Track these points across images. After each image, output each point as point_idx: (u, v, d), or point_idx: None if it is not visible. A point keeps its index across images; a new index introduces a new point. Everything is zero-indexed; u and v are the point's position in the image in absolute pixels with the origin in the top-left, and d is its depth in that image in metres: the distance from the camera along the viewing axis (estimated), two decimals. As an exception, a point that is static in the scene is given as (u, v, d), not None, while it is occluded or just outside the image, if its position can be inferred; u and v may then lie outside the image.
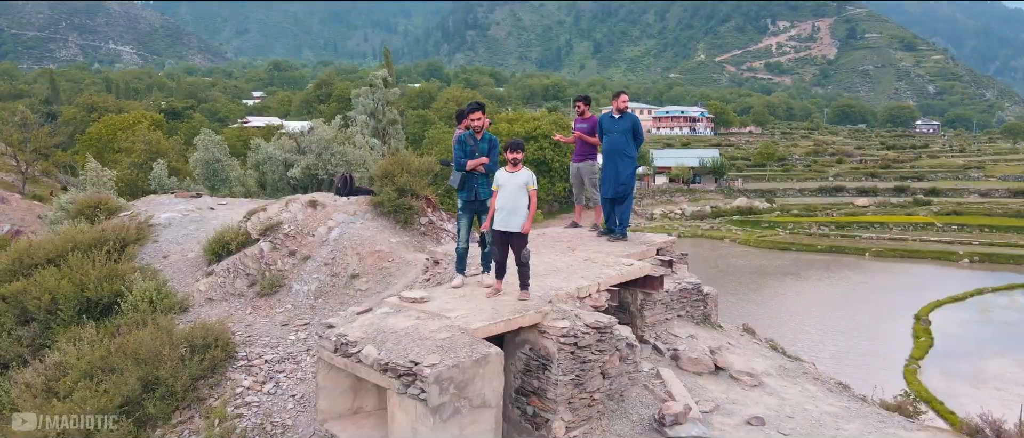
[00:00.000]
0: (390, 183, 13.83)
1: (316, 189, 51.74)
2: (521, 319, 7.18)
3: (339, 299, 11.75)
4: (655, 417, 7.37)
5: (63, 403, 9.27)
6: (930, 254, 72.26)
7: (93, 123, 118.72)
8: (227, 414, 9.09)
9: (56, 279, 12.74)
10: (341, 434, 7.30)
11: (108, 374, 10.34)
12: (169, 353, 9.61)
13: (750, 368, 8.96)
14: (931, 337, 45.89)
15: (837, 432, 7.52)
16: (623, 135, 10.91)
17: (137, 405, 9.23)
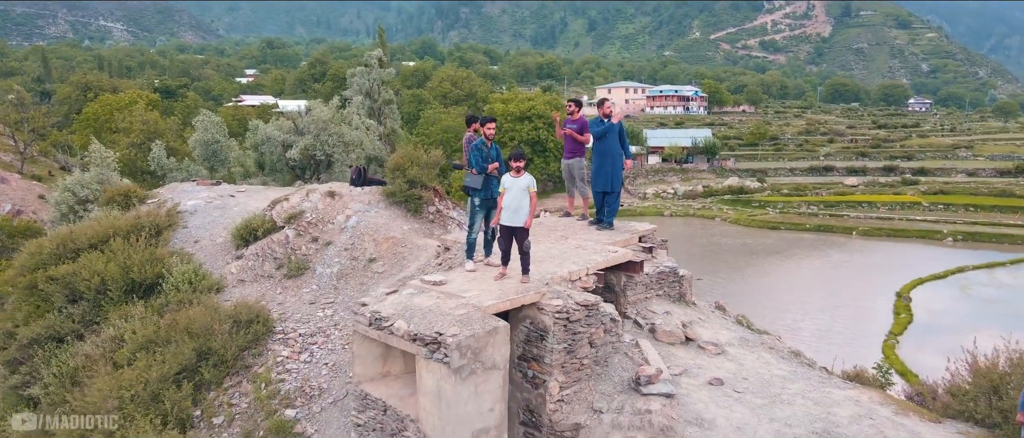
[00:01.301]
0: (401, 175, 15.33)
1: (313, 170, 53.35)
2: (523, 298, 8.76)
3: (359, 280, 13.30)
4: (633, 378, 8.99)
5: (130, 370, 10.82)
6: (915, 233, 74.06)
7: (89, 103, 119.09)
8: (271, 379, 10.69)
9: (103, 262, 14.26)
10: (374, 393, 8.89)
11: (160, 346, 11.93)
12: (219, 328, 11.18)
13: (715, 339, 10.58)
14: (911, 313, 47.78)
15: (782, 390, 9.15)
16: (613, 138, 12.40)
17: (194, 372, 10.81)
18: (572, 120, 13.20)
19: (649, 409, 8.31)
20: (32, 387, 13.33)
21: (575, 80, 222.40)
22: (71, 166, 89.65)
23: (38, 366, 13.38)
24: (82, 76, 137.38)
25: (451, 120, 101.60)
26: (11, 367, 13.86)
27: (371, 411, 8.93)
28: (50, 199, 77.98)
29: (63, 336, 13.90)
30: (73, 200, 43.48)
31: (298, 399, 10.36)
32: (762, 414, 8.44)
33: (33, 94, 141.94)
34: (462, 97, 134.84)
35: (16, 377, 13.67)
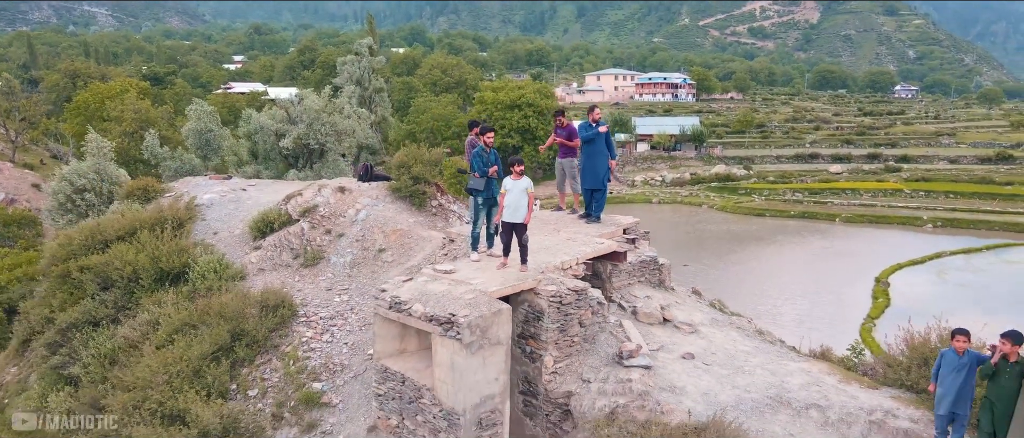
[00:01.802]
0: (406, 172, 16.71)
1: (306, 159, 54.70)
2: (522, 285, 10.21)
3: (370, 269, 14.72)
4: (616, 353, 10.48)
5: (172, 349, 12.20)
6: (896, 220, 76.02)
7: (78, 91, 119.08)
8: (298, 357, 12.12)
9: (134, 253, 15.60)
10: (393, 367, 10.32)
11: (193, 329, 13.31)
12: (249, 311, 12.59)
13: (690, 320, 12.09)
14: (888, 298, 49.64)
15: (744, 362, 10.67)
16: (600, 142, 13.78)
17: (229, 350, 12.21)
18: (561, 127, 14.52)
19: (630, 378, 9.81)
20: (72, 367, 14.68)
21: (564, 67, 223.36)
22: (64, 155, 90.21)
23: (77, 348, 14.73)
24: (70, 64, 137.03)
25: (441, 108, 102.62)
26: (51, 349, 15.19)
27: (390, 383, 10.38)
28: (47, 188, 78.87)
29: (98, 320, 15.24)
30: (70, 189, 44.67)
31: (323, 374, 11.80)
32: (725, 382, 9.96)
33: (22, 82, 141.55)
34: (452, 84, 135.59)
35: (56, 358, 15.01)
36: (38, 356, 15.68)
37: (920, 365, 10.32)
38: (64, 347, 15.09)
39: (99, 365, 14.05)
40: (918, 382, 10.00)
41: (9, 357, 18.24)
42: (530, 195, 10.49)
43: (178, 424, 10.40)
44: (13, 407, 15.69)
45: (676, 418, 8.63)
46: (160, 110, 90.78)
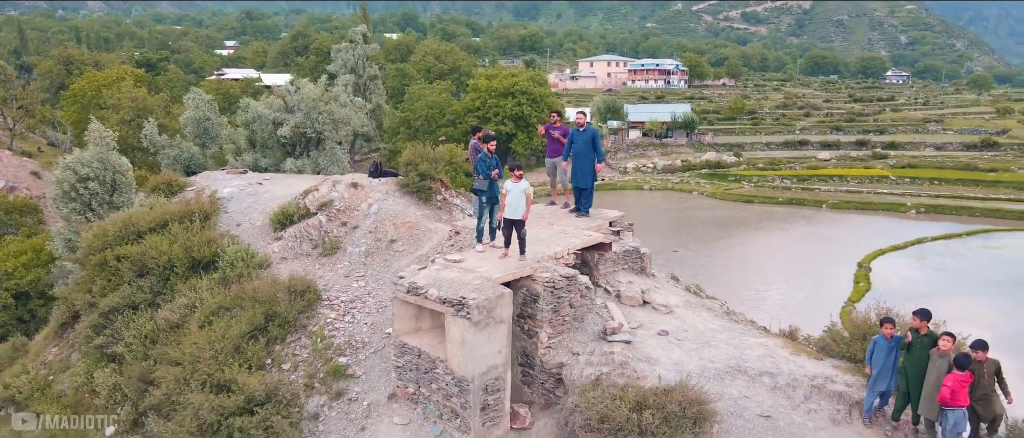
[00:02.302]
0: (414, 169, 18.41)
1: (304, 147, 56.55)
2: (521, 272, 11.98)
3: (383, 258, 16.46)
4: (601, 330, 12.29)
5: (210, 329, 13.93)
6: (881, 206, 78.13)
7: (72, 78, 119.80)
8: (324, 335, 13.89)
9: (168, 243, 17.29)
10: (411, 342, 12.10)
11: (226, 311, 15.04)
12: (280, 295, 14.33)
13: (666, 302, 13.90)
14: (869, 282, 51.70)
15: (711, 338, 12.51)
16: (587, 143, 15.48)
17: (263, 330, 13.96)
18: (555, 127, 16.24)
19: (612, 351, 11.63)
20: (115, 346, 16.40)
21: (557, 53, 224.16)
22: (62, 143, 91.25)
23: (119, 329, 16.45)
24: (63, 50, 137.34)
25: (435, 96, 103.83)
26: (95, 330, 16.90)
27: (408, 356, 12.17)
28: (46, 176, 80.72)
29: (137, 305, 16.95)
30: (74, 178, 46.42)
31: (347, 350, 13.58)
32: (693, 354, 11.79)
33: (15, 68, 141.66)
34: (446, 71, 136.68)
35: (100, 338, 16.73)
36: (81, 337, 17.36)
37: (860, 340, 12.17)
38: (107, 329, 16.80)
39: (141, 344, 15.79)
40: (857, 354, 11.85)
41: (49, 338, 19.94)
42: (528, 195, 12.23)
43: (225, 392, 12.16)
44: (59, 382, 17.42)
45: (649, 383, 10.44)
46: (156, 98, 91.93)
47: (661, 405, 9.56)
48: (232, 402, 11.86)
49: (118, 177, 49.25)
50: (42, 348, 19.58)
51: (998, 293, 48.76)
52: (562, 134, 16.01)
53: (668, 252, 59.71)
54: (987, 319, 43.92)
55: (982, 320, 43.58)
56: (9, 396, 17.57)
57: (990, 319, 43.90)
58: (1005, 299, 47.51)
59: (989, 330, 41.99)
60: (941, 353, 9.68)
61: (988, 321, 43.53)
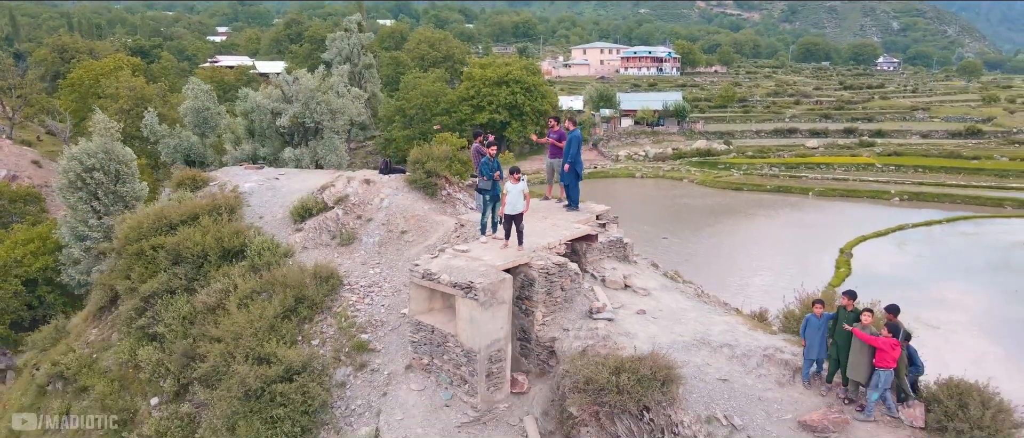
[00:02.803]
0: (420, 167, 20.46)
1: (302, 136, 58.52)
2: (520, 260, 14.09)
3: (395, 247, 18.54)
4: (588, 310, 14.43)
5: (248, 310, 15.99)
6: (866, 193, 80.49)
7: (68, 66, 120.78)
8: (347, 315, 15.99)
9: (201, 234, 19.31)
10: (425, 320, 14.21)
11: (258, 294, 17.10)
12: (308, 281, 16.42)
13: (645, 286, 16.05)
14: (850, 267, 54.05)
15: (682, 316, 14.67)
16: (571, 144, 17.51)
17: (293, 311, 16.05)
18: (553, 131, 18.27)
19: (597, 327, 13.79)
20: (156, 327, 18.46)
21: (550, 39, 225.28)
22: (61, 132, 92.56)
23: (160, 311, 18.51)
24: (57, 38, 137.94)
25: (430, 84, 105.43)
26: (137, 313, 18.94)
27: (423, 332, 14.29)
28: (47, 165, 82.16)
29: (174, 290, 19.00)
30: (80, 168, 48.50)
31: (368, 328, 15.68)
32: (666, 329, 13.96)
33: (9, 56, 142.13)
34: (439, 59, 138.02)
35: (142, 320, 18.79)
36: (123, 319, 19.42)
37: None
38: (148, 311, 18.86)
39: (180, 325, 17.87)
40: (805, 329, 13.99)
41: (87, 320, 21.98)
42: (526, 194, 14.33)
43: (266, 364, 14.26)
44: (103, 360, 19.47)
45: (627, 352, 12.58)
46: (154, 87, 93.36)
47: (635, 370, 11.70)
48: (273, 371, 13.98)
49: (122, 167, 51.38)
50: (82, 329, 21.62)
51: (973, 278, 51.25)
52: (558, 138, 18.06)
53: (658, 239, 61.99)
54: (961, 302, 46.44)
55: (956, 303, 46.11)
56: (58, 372, 19.62)
57: (965, 302, 46.42)
58: (980, 284, 49.99)
59: (963, 313, 44.57)
60: (864, 326, 11.84)
61: (963, 304, 46.05)
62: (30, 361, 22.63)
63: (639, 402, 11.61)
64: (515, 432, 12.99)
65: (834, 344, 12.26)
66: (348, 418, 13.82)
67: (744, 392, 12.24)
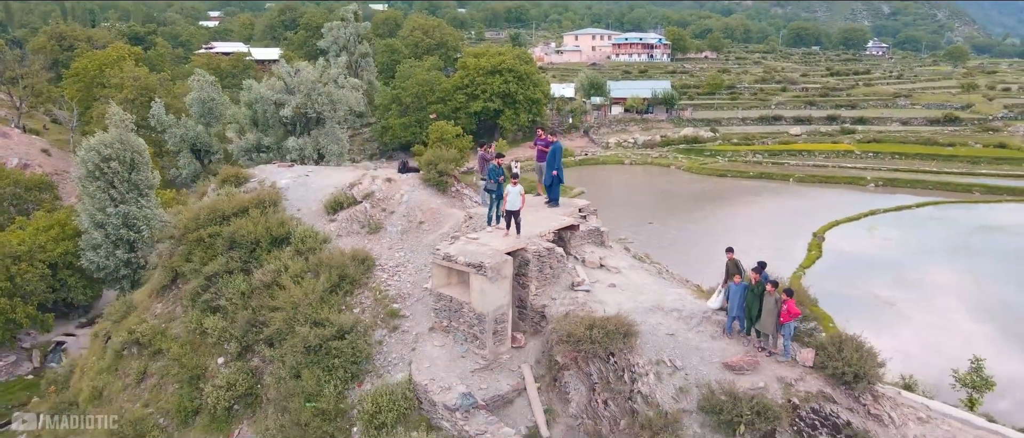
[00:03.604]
0: (433, 168, 24.73)
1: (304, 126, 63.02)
2: (518, 246, 18.46)
3: (415, 235, 22.85)
4: (570, 284, 18.84)
5: (301, 286, 20.30)
6: (843, 179, 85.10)
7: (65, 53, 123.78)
8: (381, 290, 20.35)
9: (252, 224, 23.55)
10: (445, 292, 18.55)
11: (308, 274, 21.40)
12: (347, 262, 20.75)
13: (617, 265, 20.45)
14: (821, 250, 58.72)
15: (644, 288, 19.08)
16: (554, 155, 21.76)
17: (338, 286, 20.39)
18: (541, 139, 22.53)
19: (577, 297, 18.20)
20: (218, 301, 22.75)
21: (543, 24, 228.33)
22: (67, 121, 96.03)
23: (221, 288, 22.79)
24: (55, 26, 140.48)
25: (425, 73, 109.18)
26: (202, 289, 23.21)
27: (442, 301, 18.66)
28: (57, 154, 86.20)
29: (231, 270, 23.25)
30: (98, 158, 53.11)
31: (398, 299, 20.04)
32: (630, 298, 18.39)
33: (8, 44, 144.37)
34: (433, 46, 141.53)
35: (206, 295, 23.07)
36: (188, 295, 23.70)
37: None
38: (210, 288, 23.15)
39: (240, 299, 22.16)
40: (736, 298, 18.40)
41: (151, 296, 26.24)
42: (522, 195, 18.66)
43: (321, 326, 18.61)
44: (172, 328, 23.77)
45: (598, 314, 16.97)
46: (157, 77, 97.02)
47: (604, 326, 16.09)
48: (327, 332, 18.37)
49: (136, 157, 56.04)
50: (147, 305, 25.89)
51: (933, 260, 56.07)
52: (545, 145, 22.35)
53: (644, 224, 66.54)
54: (919, 281, 51.25)
55: (915, 282, 50.89)
56: (134, 339, 23.92)
57: (922, 282, 51.22)
58: (939, 265, 54.81)
59: (919, 291, 49.25)
60: (769, 293, 16.26)
61: (920, 283, 50.85)
62: (101, 331, 26.93)
63: (606, 349, 16.06)
64: (515, 376, 17.42)
65: (750, 306, 16.69)
66: (386, 367, 18.21)
67: (685, 343, 16.68)
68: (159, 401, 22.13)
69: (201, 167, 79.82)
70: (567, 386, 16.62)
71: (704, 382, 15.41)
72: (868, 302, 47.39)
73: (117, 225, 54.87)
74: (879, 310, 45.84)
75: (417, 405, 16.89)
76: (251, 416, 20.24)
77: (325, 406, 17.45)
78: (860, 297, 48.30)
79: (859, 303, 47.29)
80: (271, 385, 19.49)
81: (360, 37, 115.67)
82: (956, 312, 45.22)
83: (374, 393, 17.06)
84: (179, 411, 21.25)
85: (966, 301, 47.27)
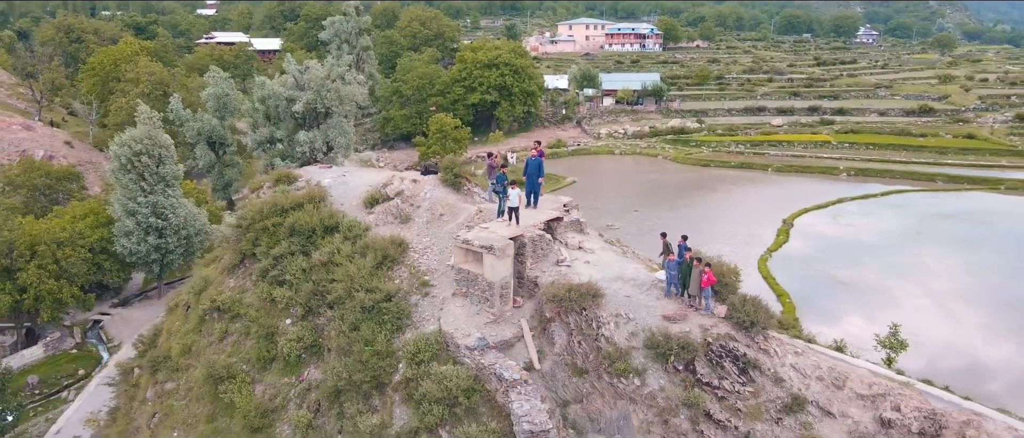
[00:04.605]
0: (450, 171, 31.76)
1: (313, 120, 70.56)
2: (518, 233, 25.60)
3: (437, 225, 29.93)
4: (556, 261, 26.01)
5: (353, 264, 27.37)
6: (818, 169, 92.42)
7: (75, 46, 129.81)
8: (414, 266, 27.51)
9: (308, 216, 30.61)
10: (464, 267, 25.62)
11: (357, 255, 28.50)
12: (389, 246, 27.86)
13: (591, 248, 27.57)
14: (788, 236, 66.01)
15: (611, 265, 26.23)
16: (537, 167, 28.70)
17: (381, 264, 27.50)
18: (534, 150, 29.51)
19: (560, 270, 25.40)
20: (283, 276, 29.83)
21: (537, 12, 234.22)
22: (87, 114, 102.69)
23: (286, 266, 29.87)
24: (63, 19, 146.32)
25: (424, 67, 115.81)
26: (269, 267, 30.26)
27: (462, 274, 25.80)
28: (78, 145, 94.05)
29: (293, 253, 30.30)
30: (130, 153, 60.60)
31: (427, 273, 27.16)
32: (599, 271, 25.59)
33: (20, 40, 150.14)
34: (431, 37, 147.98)
35: (274, 272, 30.14)
36: (257, 272, 30.76)
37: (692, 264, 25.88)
38: (277, 267, 30.22)
39: (301, 274, 29.23)
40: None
41: (222, 273, 33.27)
42: (521, 197, 25.73)
43: (372, 293, 25.74)
44: (246, 298, 30.82)
45: (575, 282, 24.10)
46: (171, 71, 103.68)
47: (579, 290, 23.21)
48: (378, 296, 25.55)
49: (163, 151, 63.77)
50: (220, 280, 32.95)
51: (888, 244, 63.48)
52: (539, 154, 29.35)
53: (630, 211, 73.80)
54: (873, 264, 58.64)
55: (870, 264, 58.31)
56: (215, 306, 30.99)
57: (876, 264, 58.61)
58: (892, 250, 62.19)
59: (872, 272, 56.53)
60: (695, 266, 23.39)
61: (874, 265, 58.24)
62: (181, 301, 34.01)
63: (580, 306, 23.23)
64: (515, 327, 24.56)
65: (682, 275, 23.84)
66: (421, 321, 25.39)
67: (637, 302, 23.85)
68: (240, 353, 29.30)
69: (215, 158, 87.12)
70: (553, 332, 23.80)
71: (648, 328, 22.58)
72: (825, 281, 54.89)
73: (147, 214, 62.35)
74: (834, 288, 53.34)
75: (445, 347, 24.03)
76: (316, 361, 27.43)
77: (379, 349, 24.62)
78: (818, 277, 55.77)
79: (817, 282, 54.82)
80: (334, 337, 26.65)
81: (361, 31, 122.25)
82: (902, 290, 52.70)
83: (414, 339, 24.22)
84: (258, 359, 28.42)
85: (914, 281, 54.75)
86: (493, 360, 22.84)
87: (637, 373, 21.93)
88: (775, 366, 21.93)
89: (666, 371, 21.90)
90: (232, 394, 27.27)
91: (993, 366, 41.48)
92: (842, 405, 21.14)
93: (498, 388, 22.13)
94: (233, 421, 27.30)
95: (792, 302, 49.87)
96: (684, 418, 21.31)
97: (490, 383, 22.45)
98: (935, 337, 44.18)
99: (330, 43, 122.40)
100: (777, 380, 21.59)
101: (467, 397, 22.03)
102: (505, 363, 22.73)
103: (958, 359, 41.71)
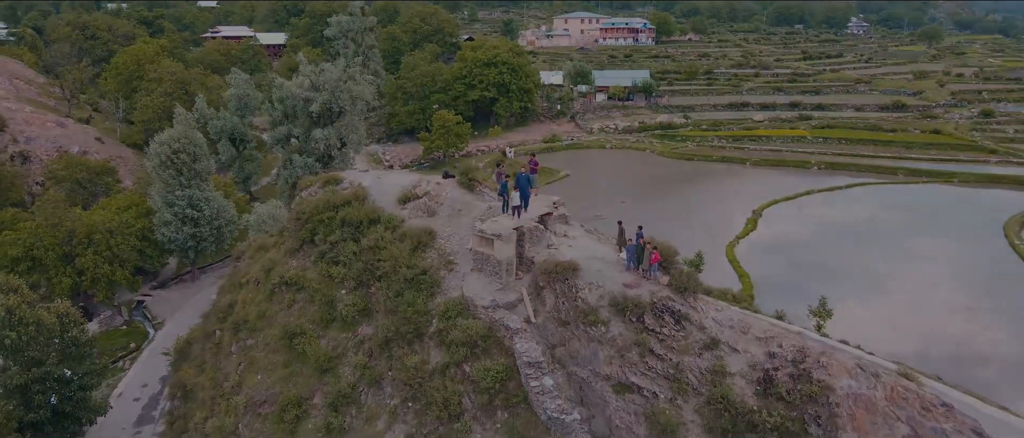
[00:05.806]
0: (466, 176, 41.60)
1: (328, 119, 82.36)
2: (520, 225, 35.55)
3: (457, 218, 39.87)
4: (546, 245, 35.99)
5: (395, 247, 37.27)
6: (792, 163, 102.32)
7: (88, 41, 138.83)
8: (441, 249, 37.48)
9: (355, 211, 40.52)
10: (479, 249, 35.51)
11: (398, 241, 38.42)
12: (421, 235, 37.79)
13: (574, 235, 37.50)
14: (756, 225, 76.03)
15: (588, 247, 36.17)
16: (527, 181, 38.42)
17: (416, 248, 37.40)
18: (525, 168, 39.29)
19: (549, 252, 35.41)
20: (339, 258, 39.72)
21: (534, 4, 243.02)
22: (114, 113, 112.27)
23: (340, 250, 39.76)
24: (77, 16, 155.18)
25: (426, 65, 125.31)
26: (326, 250, 40.11)
27: (478, 255, 35.77)
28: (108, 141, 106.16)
29: (345, 239, 40.15)
30: (169, 151, 71.63)
31: (451, 254, 37.09)
32: (578, 252, 35.59)
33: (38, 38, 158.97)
34: (431, 33, 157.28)
35: (330, 254, 40.02)
36: (316, 255, 40.63)
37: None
38: (332, 251, 40.09)
39: (353, 256, 39.11)
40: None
41: (285, 255, 43.08)
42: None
43: (411, 268, 35.68)
44: (308, 274, 40.68)
45: (561, 260, 33.96)
46: (193, 71, 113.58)
47: (563, 265, 33.11)
48: (415, 271, 35.54)
49: (197, 149, 74.85)
50: (284, 261, 42.79)
51: (845, 233, 73.52)
52: (533, 167, 39.17)
53: (617, 202, 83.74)
54: (829, 250, 68.67)
55: (825, 250, 68.30)
56: (284, 281, 40.85)
57: (831, 250, 68.66)
58: (847, 237, 72.21)
59: (826, 255, 66.53)
60: (647, 248, 33.25)
61: (829, 251, 68.27)
62: (251, 278, 43.87)
63: (564, 277, 33.17)
64: (517, 293, 34.48)
65: (636, 256, 33.72)
66: (449, 290, 35.36)
67: (606, 274, 33.77)
68: (306, 316, 39.25)
69: (237, 153, 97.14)
70: (544, 296, 33.77)
71: (612, 293, 32.51)
72: (783, 264, 64.95)
73: (183, 206, 72.75)
74: (790, 270, 63.44)
75: (467, 307, 33.98)
76: (367, 320, 37.40)
77: (419, 309, 34.62)
78: (778, 261, 65.89)
79: (776, 265, 64.89)
80: (382, 301, 36.59)
81: (366, 29, 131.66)
82: (845, 272, 62.85)
83: (444, 302, 34.21)
84: (322, 320, 38.38)
85: (859, 265, 64.88)
86: (502, 315, 32.84)
87: (604, 323, 31.90)
88: (701, 318, 31.93)
89: (624, 322, 31.85)
90: (304, 345, 37.23)
91: (907, 326, 51.90)
92: (745, 344, 31.15)
93: (505, 335, 32.15)
94: (305, 366, 37.29)
95: (751, 281, 59.99)
96: (635, 353, 31.31)
97: (499, 331, 32.47)
98: (863, 311, 54.41)
99: (336, 41, 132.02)
100: (701, 328, 31.60)
101: (483, 341, 32.06)
102: (510, 317, 32.73)
103: (879, 326, 51.99)
